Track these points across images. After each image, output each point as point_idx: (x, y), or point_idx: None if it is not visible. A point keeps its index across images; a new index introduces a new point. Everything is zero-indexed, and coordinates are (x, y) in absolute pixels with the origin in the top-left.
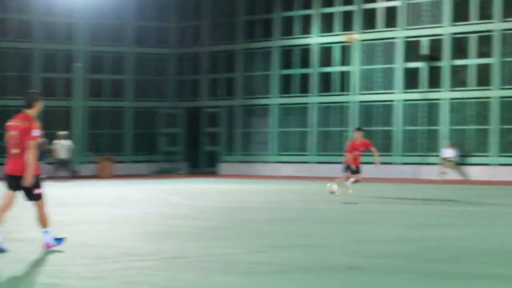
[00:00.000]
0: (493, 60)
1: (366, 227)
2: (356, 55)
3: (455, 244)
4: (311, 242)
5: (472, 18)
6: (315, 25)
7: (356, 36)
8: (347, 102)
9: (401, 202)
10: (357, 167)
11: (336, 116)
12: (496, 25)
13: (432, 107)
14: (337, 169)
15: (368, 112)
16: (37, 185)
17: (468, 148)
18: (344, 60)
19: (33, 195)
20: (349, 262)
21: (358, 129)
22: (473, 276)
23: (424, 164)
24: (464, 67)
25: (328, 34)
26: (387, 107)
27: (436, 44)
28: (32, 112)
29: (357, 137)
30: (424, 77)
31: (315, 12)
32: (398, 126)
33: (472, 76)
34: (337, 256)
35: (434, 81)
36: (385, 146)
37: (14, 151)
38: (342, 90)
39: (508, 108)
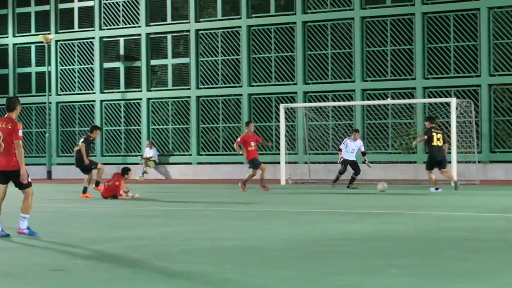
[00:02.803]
0: (189, 60)
1: (68, 228)
2: (53, 56)
3: (158, 243)
4: (10, 246)
5: (168, 18)
6: (11, 25)
7: (52, 36)
8: (46, 103)
9: (104, 204)
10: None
11: (36, 117)
12: (191, 26)
13: (131, 107)
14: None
15: (68, 112)
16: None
17: (170, 147)
18: (41, 61)
19: (23, 185)
20: (51, 264)
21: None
22: (178, 274)
23: (126, 164)
24: (162, 67)
25: (24, 34)
26: (87, 107)
27: (133, 44)
28: (13, 114)
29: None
30: (122, 77)
31: (10, 11)
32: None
33: (170, 76)
34: (39, 258)
35: (132, 81)
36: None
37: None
38: (40, 90)
39: (206, 107)
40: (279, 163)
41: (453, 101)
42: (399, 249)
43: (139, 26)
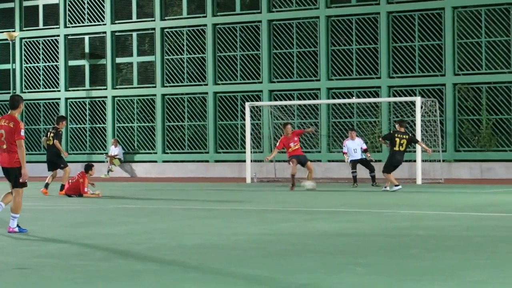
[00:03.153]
0: (154, 58)
1: (33, 227)
2: (17, 53)
3: (123, 241)
4: None
5: (133, 16)
6: None
7: (17, 34)
8: None
9: (68, 202)
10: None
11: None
12: (157, 24)
13: (96, 105)
14: None
15: (33, 110)
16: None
17: (135, 146)
18: (6, 58)
19: (19, 184)
20: (16, 262)
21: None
22: (142, 272)
23: (92, 162)
24: (127, 65)
25: None
26: (52, 105)
27: (98, 42)
28: (16, 112)
29: None
30: (87, 75)
31: None
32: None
33: (135, 74)
34: (4, 256)
35: (98, 79)
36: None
37: (3, 146)
38: (5, 88)
39: (171, 106)
40: (244, 161)
41: (417, 100)
42: (364, 247)
43: (104, 24)
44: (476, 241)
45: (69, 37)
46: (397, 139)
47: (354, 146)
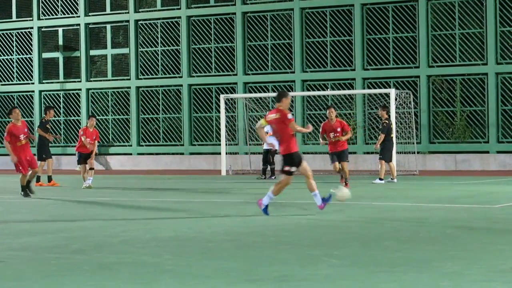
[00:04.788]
0: (129, 50)
1: (6, 220)
2: None
3: (97, 234)
4: None
5: (107, 8)
6: None
7: None
8: None
9: (42, 195)
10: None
11: None
12: (131, 16)
13: (71, 98)
14: None
15: (6, 103)
16: None
17: (110, 138)
18: None
19: None
20: None
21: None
22: (116, 264)
23: (64, 155)
24: (101, 57)
25: None
26: (26, 98)
27: (72, 34)
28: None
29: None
30: (61, 67)
31: None
32: (36, 116)
33: (109, 66)
34: None
35: (72, 71)
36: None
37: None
38: None
39: (146, 98)
40: (219, 153)
41: (392, 92)
42: (338, 239)
43: (78, 16)
44: (450, 232)
45: (42, 30)
46: (392, 127)
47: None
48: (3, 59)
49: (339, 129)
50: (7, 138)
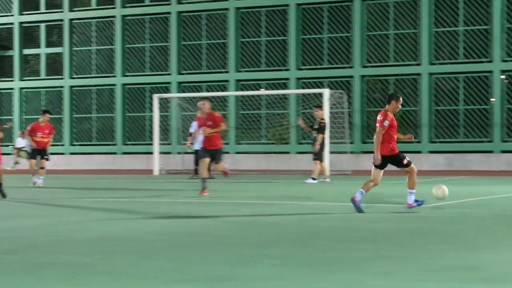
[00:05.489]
0: (63, 50)
1: None
2: None
3: (29, 234)
4: None
5: (42, 7)
6: None
7: None
8: None
9: None
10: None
11: None
12: (65, 15)
13: (3, 97)
14: None
15: None
16: None
17: None
18: None
19: None
20: None
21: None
22: (48, 264)
23: None
24: (35, 56)
25: None
26: None
27: (5, 33)
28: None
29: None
30: None
31: None
32: None
33: (43, 66)
34: None
35: (5, 70)
36: None
37: None
38: None
39: (79, 98)
40: (152, 153)
41: (326, 92)
42: (271, 239)
43: (12, 15)
44: (383, 232)
45: None
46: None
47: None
48: None
49: (210, 123)
50: None
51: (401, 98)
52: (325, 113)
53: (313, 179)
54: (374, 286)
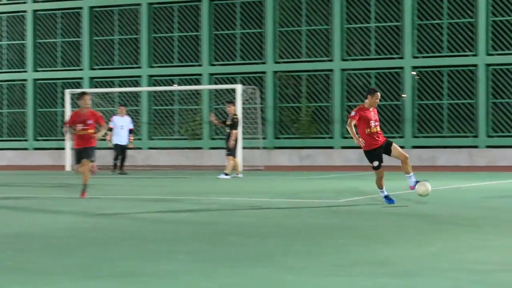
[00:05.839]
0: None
1: None
2: None
3: None
4: None
5: None
6: None
7: None
8: None
9: None
10: None
11: None
12: (29, 6)
13: None
14: None
15: None
16: None
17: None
18: None
19: None
20: None
21: None
22: None
23: None
24: None
25: None
26: None
27: None
28: None
29: None
30: None
31: None
32: None
33: (4, 59)
34: None
35: None
36: None
37: None
38: None
39: (43, 91)
40: (64, 149)
41: (238, 87)
42: (182, 235)
43: None
44: (294, 227)
45: None
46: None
47: (122, 123)
48: None
49: (90, 122)
50: None
51: (378, 93)
52: (238, 109)
53: (226, 174)
54: (286, 282)
